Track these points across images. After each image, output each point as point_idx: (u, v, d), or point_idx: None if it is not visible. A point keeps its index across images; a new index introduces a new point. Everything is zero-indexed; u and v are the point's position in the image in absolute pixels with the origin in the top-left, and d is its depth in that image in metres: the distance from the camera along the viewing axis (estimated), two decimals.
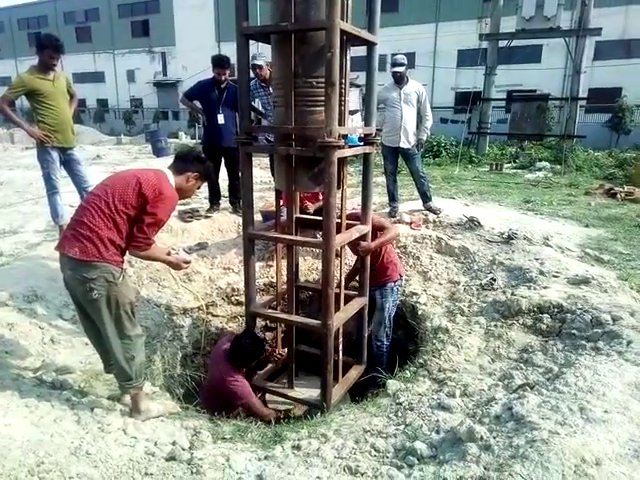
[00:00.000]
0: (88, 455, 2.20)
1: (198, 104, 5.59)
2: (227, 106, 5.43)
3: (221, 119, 5.42)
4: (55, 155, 4.50)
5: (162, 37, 34.85)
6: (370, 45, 3.27)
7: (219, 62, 5.33)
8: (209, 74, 5.57)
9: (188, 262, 3.01)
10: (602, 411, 2.18)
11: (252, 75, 5.40)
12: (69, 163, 4.65)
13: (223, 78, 5.35)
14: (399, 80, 5.54)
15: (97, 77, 38.56)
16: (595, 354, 2.88)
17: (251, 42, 3.10)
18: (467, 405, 2.68)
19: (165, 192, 2.54)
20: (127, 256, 2.65)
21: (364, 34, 3.10)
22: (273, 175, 5.71)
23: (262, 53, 5.30)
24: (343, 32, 2.78)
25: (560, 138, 13.59)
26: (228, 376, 3.48)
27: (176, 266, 2.92)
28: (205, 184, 5.68)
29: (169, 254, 2.88)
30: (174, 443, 2.41)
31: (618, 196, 7.74)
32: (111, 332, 2.52)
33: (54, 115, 4.42)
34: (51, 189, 4.58)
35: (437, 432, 2.41)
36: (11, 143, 20.14)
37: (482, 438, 2.13)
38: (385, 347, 4.15)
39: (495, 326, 3.71)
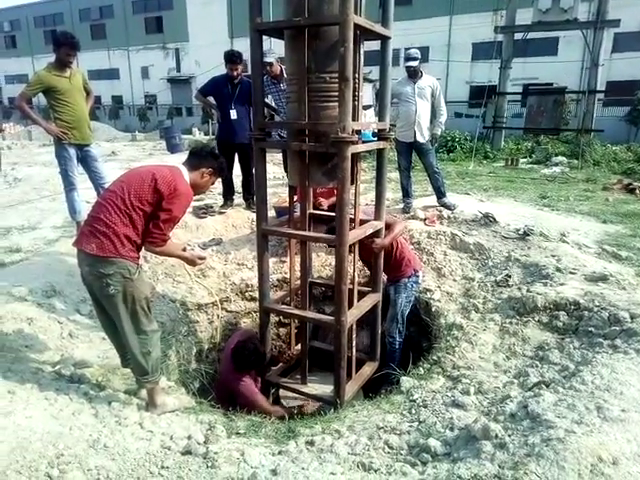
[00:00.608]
0: (106, 448, 2.23)
1: (212, 100, 5.61)
2: (240, 102, 5.43)
3: (234, 114, 5.43)
4: (72, 152, 4.55)
5: (175, 33, 35.00)
6: (384, 39, 3.24)
7: (231, 57, 5.33)
8: (222, 70, 5.58)
9: (203, 258, 3.04)
10: (619, 410, 2.15)
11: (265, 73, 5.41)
12: (86, 159, 4.70)
13: (236, 74, 5.34)
14: (413, 74, 5.50)
15: (112, 74, 38.92)
16: (612, 352, 2.84)
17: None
18: (482, 403, 2.67)
19: (180, 188, 2.56)
20: (142, 252, 2.68)
21: (378, 28, 3.08)
22: (286, 171, 5.73)
23: (272, 50, 5.30)
24: (357, 26, 2.76)
25: (577, 132, 13.38)
26: (232, 375, 3.55)
27: (191, 262, 2.95)
28: (219, 180, 5.73)
29: (184, 250, 2.91)
30: (189, 437, 2.43)
31: (637, 191, 7.60)
32: (127, 327, 2.56)
33: (71, 112, 4.47)
34: (68, 185, 4.64)
35: (451, 429, 2.40)
36: (29, 140, 20.47)
37: (497, 436, 2.11)
38: (397, 344, 4.13)
39: (510, 323, 3.68)
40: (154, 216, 2.53)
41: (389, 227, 3.79)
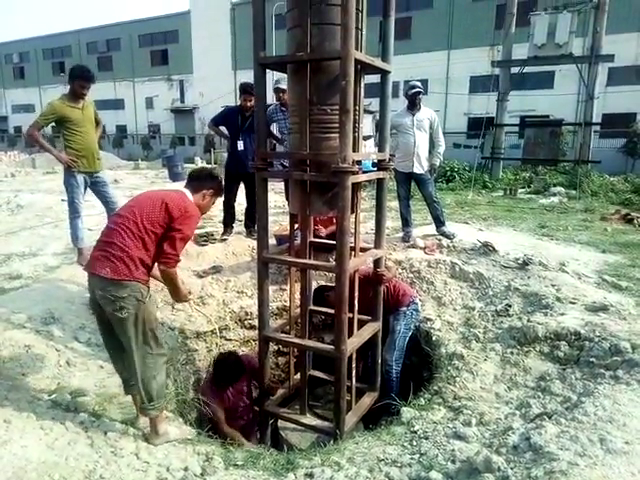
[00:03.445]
0: (102, 479, 2.20)
1: (225, 130, 5.75)
2: (249, 133, 5.51)
3: (241, 145, 5.55)
4: (80, 180, 4.66)
5: (180, 65, 35.88)
6: (384, 73, 3.33)
7: (245, 88, 5.39)
8: (226, 101, 5.74)
9: (191, 293, 3.31)
10: (623, 442, 2.12)
11: (275, 99, 5.54)
12: (96, 185, 4.84)
13: (249, 104, 5.40)
14: (413, 104, 5.58)
15: (117, 104, 39.67)
16: (614, 383, 2.82)
17: None
18: (483, 434, 2.63)
19: (190, 210, 2.67)
20: None
21: (378, 63, 3.17)
22: (287, 199, 5.78)
23: (285, 78, 5.43)
24: (357, 61, 2.84)
25: (575, 163, 13.55)
26: (204, 387, 3.75)
27: (183, 295, 2.97)
28: (220, 208, 5.78)
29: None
30: (186, 469, 2.39)
31: (635, 222, 7.64)
32: (136, 351, 2.57)
33: (81, 141, 4.60)
34: (73, 213, 4.74)
35: (453, 462, 2.36)
36: (32, 168, 20.69)
37: (499, 469, 2.08)
38: (394, 373, 4.07)
39: (511, 353, 3.66)
40: (167, 237, 2.59)
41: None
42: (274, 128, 5.86)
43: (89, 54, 40.25)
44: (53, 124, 4.67)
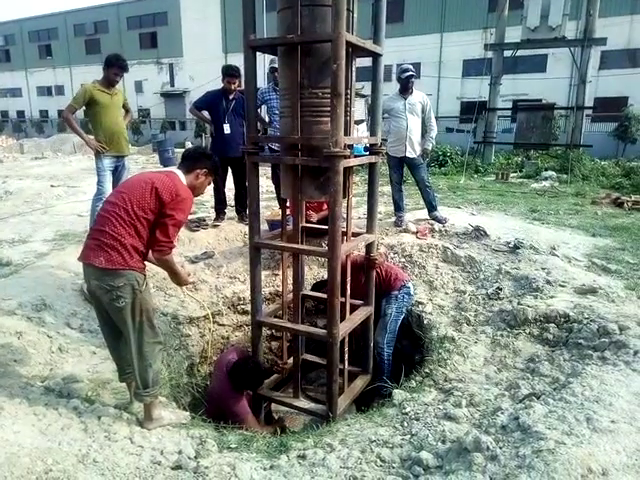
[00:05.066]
0: (95, 463, 2.21)
1: (207, 114, 5.66)
2: (234, 116, 5.47)
3: (227, 129, 5.47)
4: (107, 163, 4.90)
5: (170, 48, 35.30)
6: (375, 56, 3.30)
7: (229, 71, 5.39)
8: (217, 84, 5.64)
9: (190, 275, 3.20)
10: (609, 421, 2.17)
11: (268, 80, 5.49)
12: (117, 169, 5.05)
13: (233, 87, 5.41)
14: (406, 88, 5.54)
15: None
16: (602, 364, 2.87)
17: None
18: (473, 415, 2.67)
19: (182, 193, 2.59)
20: None
21: (369, 46, 3.13)
22: (275, 184, 5.74)
23: None
24: (349, 44, 2.81)
25: (566, 147, 13.59)
26: (225, 392, 3.51)
27: (183, 280, 2.99)
28: (212, 193, 5.74)
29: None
30: (180, 452, 2.41)
31: (625, 205, 7.70)
32: (133, 339, 2.56)
33: (108, 125, 4.83)
34: (97, 195, 4.90)
35: (443, 442, 2.40)
36: (20, 153, 20.39)
37: (488, 448, 2.12)
38: (386, 355, 4.11)
39: (501, 335, 3.71)
40: (159, 224, 2.55)
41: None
42: (262, 110, 5.78)
43: (76, 36, 39.48)
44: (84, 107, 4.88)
